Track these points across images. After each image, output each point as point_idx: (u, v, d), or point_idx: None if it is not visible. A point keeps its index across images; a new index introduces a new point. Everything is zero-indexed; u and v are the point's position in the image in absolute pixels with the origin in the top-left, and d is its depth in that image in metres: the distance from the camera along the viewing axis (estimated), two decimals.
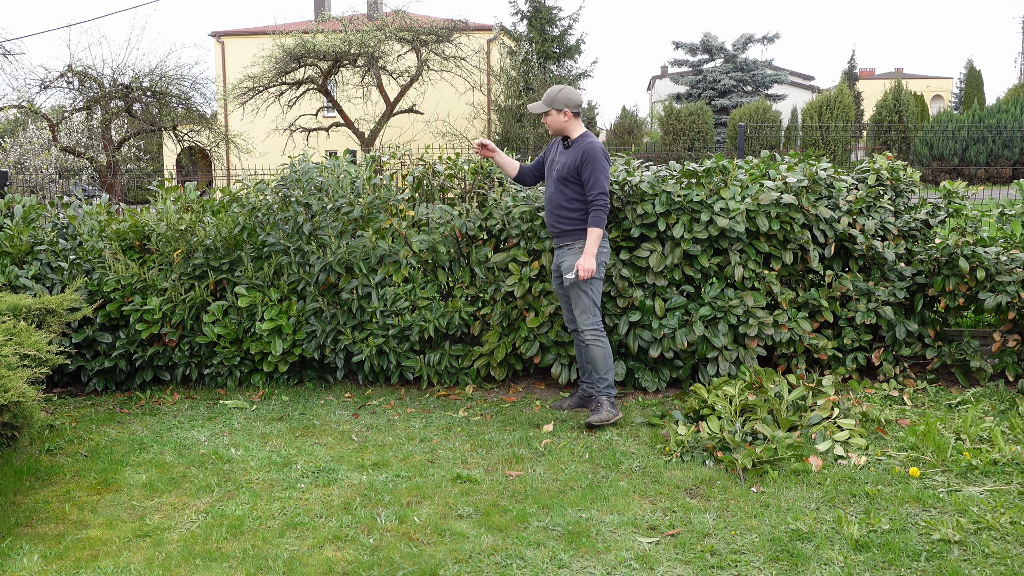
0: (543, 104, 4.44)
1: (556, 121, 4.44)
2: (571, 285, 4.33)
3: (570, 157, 4.38)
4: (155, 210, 5.34)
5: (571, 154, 4.38)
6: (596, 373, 4.39)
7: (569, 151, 4.41)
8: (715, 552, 2.98)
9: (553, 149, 4.57)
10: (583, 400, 4.61)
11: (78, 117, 19.62)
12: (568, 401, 4.69)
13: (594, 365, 4.39)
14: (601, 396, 4.36)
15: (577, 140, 4.42)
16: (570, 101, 4.42)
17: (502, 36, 27.83)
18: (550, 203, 4.47)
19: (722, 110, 33.46)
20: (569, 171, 4.37)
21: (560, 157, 4.45)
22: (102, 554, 3.06)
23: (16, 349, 3.48)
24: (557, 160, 4.46)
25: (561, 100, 4.41)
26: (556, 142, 4.55)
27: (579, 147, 4.37)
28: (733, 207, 4.70)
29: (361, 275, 4.99)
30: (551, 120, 4.46)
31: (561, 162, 4.40)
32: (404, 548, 3.06)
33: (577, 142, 4.40)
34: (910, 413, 4.40)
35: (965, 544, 2.97)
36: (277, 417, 4.66)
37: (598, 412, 4.30)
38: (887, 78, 43.83)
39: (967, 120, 23.27)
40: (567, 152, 4.42)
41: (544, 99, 4.46)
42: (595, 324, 4.37)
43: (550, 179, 4.47)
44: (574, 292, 4.37)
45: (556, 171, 4.42)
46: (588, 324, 4.38)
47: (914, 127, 24.08)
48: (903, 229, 5.09)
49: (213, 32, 31.18)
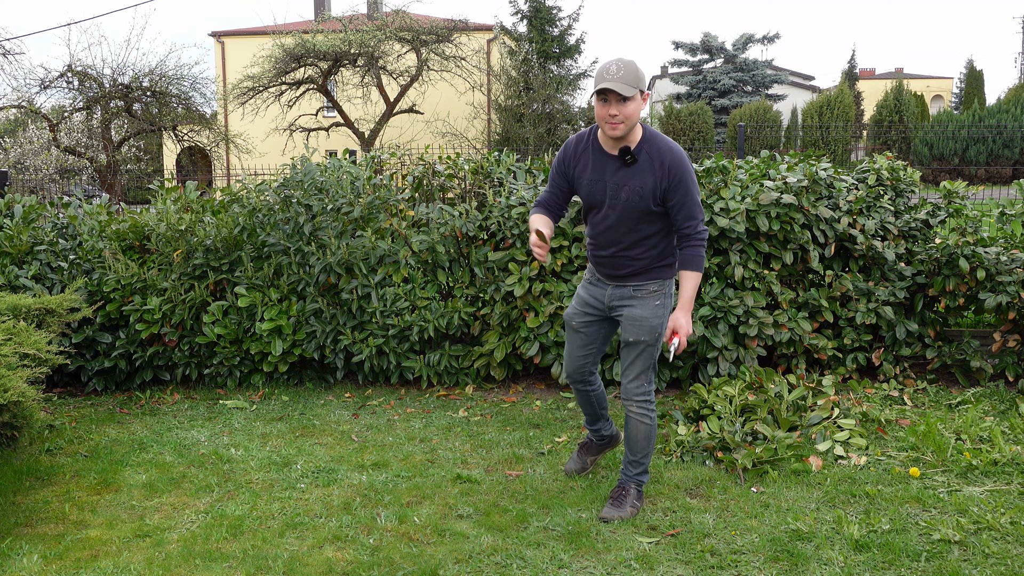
0: (629, 86, 2.90)
1: (637, 112, 2.97)
2: (628, 343, 3.24)
3: (647, 177, 3.03)
4: (155, 210, 5.33)
5: (646, 172, 3.03)
6: (632, 455, 3.34)
7: (640, 168, 3.04)
8: (715, 552, 2.98)
9: (591, 163, 3.13)
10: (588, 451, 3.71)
11: (78, 117, 19.63)
12: (572, 463, 3.73)
13: (634, 445, 3.32)
14: (631, 484, 3.35)
15: (648, 148, 3.05)
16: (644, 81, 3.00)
17: (502, 36, 27.83)
18: (612, 241, 3.17)
19: (722, 110, 33.45)
20: (650, 198, 3.04)
21: (621, 177, 3.06)
22: (102, 554, 3.06)
23: (16, 349, 3.48)
24: (614, 181, 3.07)
25: (643, 79, 2.97)
26: (587, 149, 3.15)
27: (658, 160, 3.02)
28: (733, 207, 4.70)
29: (361, 275, 4.99)
30: (632, 111, 2.94)
31: (628, 186, 3.04)
32: (404, 548, 3.05)
33: (650, 152, 3.04)
34: (910, 413, 4.40)
35: (965, 544, 2.97)
36: (277, 417, 4.66)
37: (620, 506, 3.28)
38: (887, 78, 43.85)
39: (967, 120, 23.27)
40: (636, 169, 3.04)
41: (626, 76, 2.90)
42: (650, 393, 3.28)
43: (605, 208, 3.14)
44: (634, 349, 3.22)
45: (623, 198, 3.06)
46: (642, 393, 3.26)
47: (914, 127, 24.08)
48: (903, 229, 5.09)
49: (213, 32, 31.20)
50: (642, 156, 3.04)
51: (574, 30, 28.02)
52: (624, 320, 3.23)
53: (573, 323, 3.40)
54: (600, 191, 3.12)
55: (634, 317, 3.20)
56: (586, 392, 3.51)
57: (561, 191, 3.29)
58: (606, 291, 3.28)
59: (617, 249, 3.17)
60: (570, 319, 3.41)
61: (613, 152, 3.09)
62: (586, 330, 3.37)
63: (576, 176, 3.20)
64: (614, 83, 2.88)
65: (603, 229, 3.18)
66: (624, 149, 3.04)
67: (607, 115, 2.96)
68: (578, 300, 3.40)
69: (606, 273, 3.26)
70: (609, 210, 3.12)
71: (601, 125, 3.02)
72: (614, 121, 2.96)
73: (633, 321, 3.20)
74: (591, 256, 3.32)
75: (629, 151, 3.03)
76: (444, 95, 24.01)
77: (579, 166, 3.18)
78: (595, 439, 3.69)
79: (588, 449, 3.71)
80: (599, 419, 3.61)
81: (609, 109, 2.95)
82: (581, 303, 3.38)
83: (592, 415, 3.60)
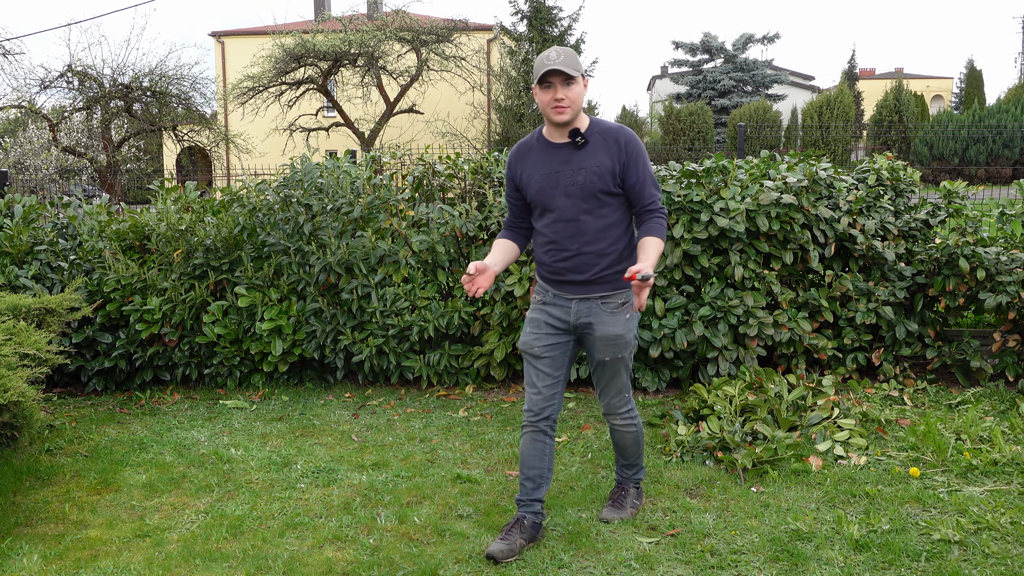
0: (572, 68, 2.84)
1: (581, 97, 2.92)
2: (603, 363, 3.04)
3: (603, 156, 2.93)
4: (155, 210, 5.34)
5: (601, 151, 2.94)
6: (625, 459, 3.29)
7: (594, 148, 2.94)
8: (715, 552, 2.98)
9: (540, 160, 3.01)
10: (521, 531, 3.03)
11: (78, 117, 19.64)
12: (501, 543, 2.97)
13: (625, 452, 3.26)
14: (629, 483, 3.33)
15: (598, 129, 2.98)
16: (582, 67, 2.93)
17: (502, 36, 27.83)
18: (573, 235, 2.96)
19: (722, 110, 33.46)
20: (608, 177, 2.93)
21: (576, 161, 2.95)
22: (102, 554, 3.06)
23: (16, 349, 3.48)
24: (569, 167, 2.95)
25: (581, 66, 2.92)
26: (531, 149, 3.04)
27: (611, 139, 2.95)
28: (733, 207, 4.70)
29: (361, 275, 4.99)
30: (576, 95, 2.89)
31: (585, 168, 2.93)
32: (404, 548, 3.05)
33: (602, 133, 2.97)
34: (910, 413, 4.40)
35: (965, 544, 2.97)
36: (277, 417, 4.66)
37: (621, 507, 3.24)
38: (887, 78, 43.85)
39: (967, 120, 23.27)
40: (590, 150, 2.94)
41: (567, 60, 2.85)
42: (631, 401, 3.17)
43: (558, 200, 2.96)
44: (611, 367, 3.05)
45: (581, 181, 2.93)
46: (624, 404, 3.15)
47: (914, 127, 24.08)
48: (903, 229, 5.09)
49: (213, 32, 31.21)
50: (593, 138, 2.96)
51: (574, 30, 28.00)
52: (597, 341, 3.00)
53: (535, 349, 3.03)
54: (552, 183, 2.96)
55: (608, 337, 2.98)
56: (543, 439, 3.06)
57: (517, 206, 3.13)
58: (570, 308, 3.01)
59: (581, 244, 2.94)
60: (529, 346, 3.05)
61: (562, 140, 2.98)
62: (552, 353, 3.03)
63: (525, 179, 3.02)
64: (558, 65, 2.82)
65: (562, 224, 2.96)
66: (574, 131, 2.94)
67: (553, 100, 2.87)
68: (534, 324, 3.06)
69: (569, 283, 2.99)
70: (564, 199, 2.94)
71: (547, 113, 2.92)
72: (561, 105, 2.87)
73: (608, 341, 2.99)
74: (548, 269, 3.04)
75: (579, 132, 2.94)
76: (444, 95, 24.01)
77: (527, 168, 3.03)
78: (529, 517, 3.05)
79: (520, 529, 3.02)
80: (541, 484, 3.08)
81: (555, 94, 2.87)
82: (538, 326, 3.05)
83: (537, 476, 3.07)
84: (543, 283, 3.08)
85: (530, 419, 3.07)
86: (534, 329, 3.06)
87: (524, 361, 3.09)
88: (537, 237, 3.09)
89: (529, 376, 3.08)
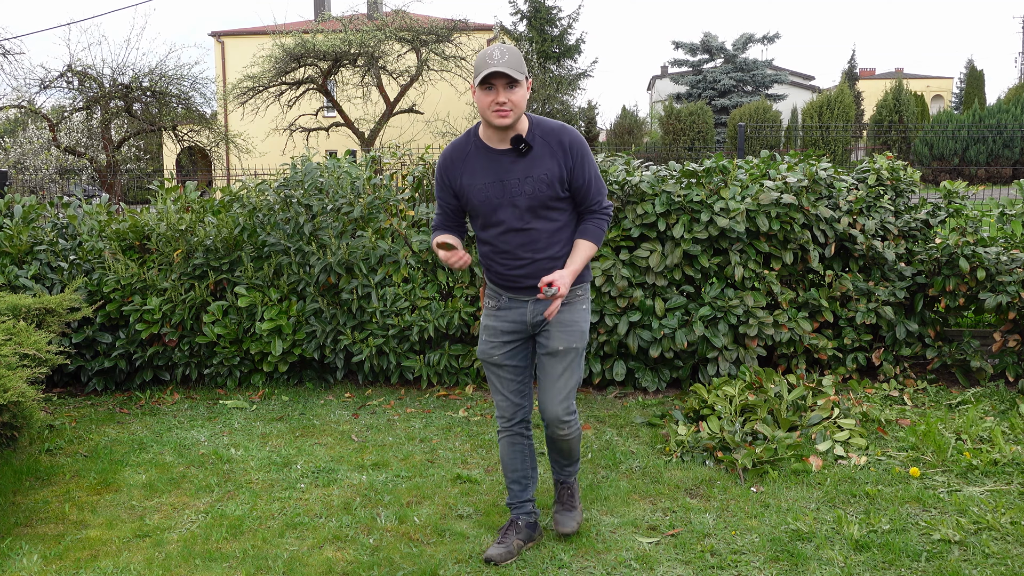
0: (516, 70, 2.65)
1: (524, 100, 2.72)
2: (556, 353, 2.86)
3: (548, 162, 2.76)
4: (155, 210, 5.34)
5: (546, 156, 2.77)
6: (567, 461, 3.11)
7: (538, 154, 2.76)
8: (715, 552, 2.98)
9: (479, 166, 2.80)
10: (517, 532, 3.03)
11: (78, 117, 19.65)
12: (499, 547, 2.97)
13: (570, 455, 3.07)
14: (572, 480, 3.16)
15: (539, 132, 2.79)
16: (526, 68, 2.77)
17: (502, 36, 27.84)
18: (524, 244, 2.81)
19: (722, 110, 33.46)
20: (557, 183, 2.77)
21: (520, 169, 2.76)
22: (102, 554, 3.06)
23: (16, 349, 3.48)
24: (513, 176, 2.76)
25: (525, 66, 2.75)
26: (469, 154, 2.82)
27: (555, 140, 2.78)
28: (733, 207, 4.70)
29: (361, 275, 4.99)
30: (520, 98, 2.69)
31: (532, 176, 2.75)
32: (404, 548, 3.05)
33: (544, 135, 2.79)
34: (910, 413, 4.40)
35: (965, 544, 2.97)
36: (277, 417, 4.66)
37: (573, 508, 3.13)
38: (887, 78, 43.83)
39: (967, 120, 23.27)
40: (533, 157, 2.76)
41: (512, 61, 2.66)
42: (574, 405, 2.96)
43: (505, 211, 2.79)
44: (563, 359, 2.87)
45: (529, 191, 2.76)
46: (570, 412, 2.94)
47: (914, 127, 24.08)
48: (903, 229, 5.09)
49: (213, 32, 31.23)
50: (536, 142, 2.77)
51: (574, 30, 28.08)
52: (552, 328, 2.85)
53: (494, 359, 2.94)
54: (497, 192, 2.77)
55: (563, 322, 2.84)
56: (522, 442, 3.04)
57: (452, 209, 2.92)
58: (526, 308, 2.88)
59: (534, 252, 2.80)
60: (488, 356, 2.95)
61: (502, 146, 2.78)
62: (512, 361, 2.94)
63: (464, 186, 2.82)
64: (501, 67, 2.61)
65: (511, 236, 2.80)
66: (516, 138, 2.74)
67: (495, 103, 2.66)
68: (490, 332, 2.95)
69: (526, 288, 2.85)
70: (512, 209, 2.77)
71: (486, 116, 2.71)
72: (503, 109, 2.66)
73: (563, 327, 2.84)
74: (499, 277, 2.89)
75: (522, 139, 2.74)
76: (444, 95, 24.01)
77: (465, 174, 2.82)
78: (523, 518, 3.05)
79: (516, 530, 3.03)
80: (528, 485, 3.08)
81: (497, 96, 2.66)
82: (495, 333, 2.93)
83: (522, 477, 3.06)
84: (495, 288, 2.94)
85: (504, 424, 3.02)
86: (491, 337, 2.95)
87: (486, 369, 2.99)
88: (483, 246, 2.91)
89: (493, 384, 3.00)
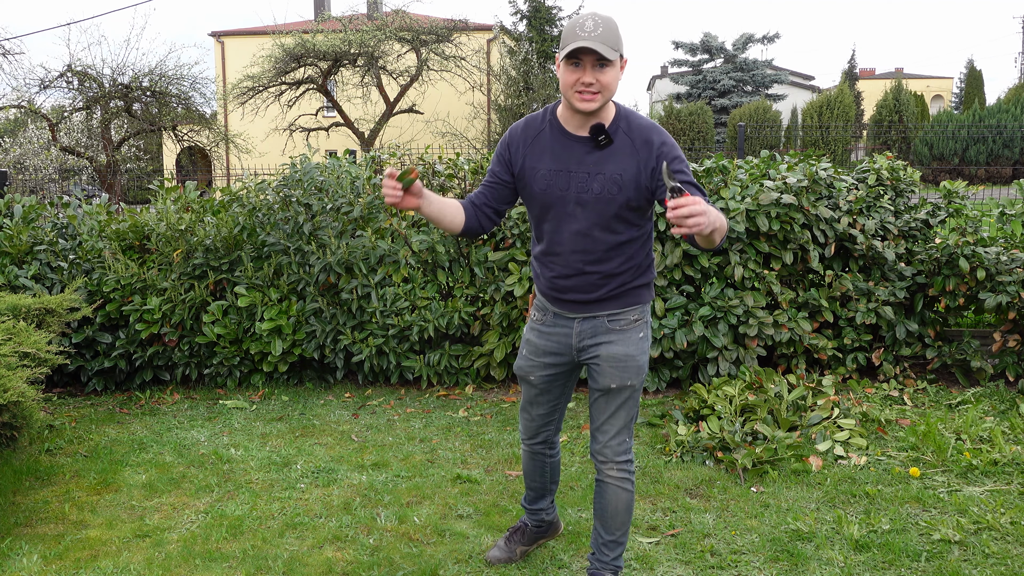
0: (610, 47, 2.23)
1: (615, 82, 2.30)
2: (609, 391, 2.51)
3: (626, 161, 2.35)
4: (155, 210, 5.33)
5: (626, 154, 2.35)
6: (608, 534, 2.64)
7: (617, 149, 2.35)
8: (715, 552, 2.98)
9: (550, 149, 2.41)
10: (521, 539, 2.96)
11: (78, 117, 19.65)
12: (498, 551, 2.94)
13: (613, 519, 2.61)
14: (607, 572, 2.66)
15: (625, 126, 2.38)
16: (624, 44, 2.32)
17: (502, 36, 27.84)
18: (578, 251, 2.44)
19: (722, 110, 33.46)
20: (631, 187, 2.35)
21: (592, 163, 2.36)
22: (102, 554, 3.06)
23: (16, 349, 3.48)
24: (584, 169, 2.37)
25: (623, 41, 2.31)
26: (542, 132, 2.44)
27: (641, 139, 2.35)
28: (733, 207, 4.70)
29: (361, 275, 4.99)
30: (610, 79, 2.27)
31: (604, 173, 2.35)
32: (404, 548, 3.05)
33: (629, 131, 2.37)
34: (910, 413, 4.40)
35: (965, 544, 2.97)
36: (277, 417, 4.66)
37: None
38: (887, 78, 43.84)
39: (967, 120, 23.28)
40: (611, 152, 2.35)
41: (605, 35, 2.23)
42: (632, 451, 2.60)
43: (568, 206, 2.40)
44: (618, 397, 2.50)
45: (596, 191, 2.36)
46: (624, 452, 2.56)
47: (914, 127, 24.09)
48: (903, 229, 5.09)
49: (213, 32, 31.23)
50: (619, 136, 2.35)
51: None
52: (602, 363, 2.48)
53: (531, 378, 2.64)
54: (562, 184, 2.38)
55: (616, 357, 2.47)
56: (543, 459, 2.80)
57: (499, 185, 2.51)
58: (572, 329, 2.53)
59: (586, 264, 2.42)
60: (526, 374, 2.65)
61: (581, 133, 2.38)
62: (550, 387, 2.64)
63: (528, 168, 2.43)
64: (592, 42, 2.19)
65: (567, 237, 2.42)
66: (597, 127, 2.33)
67: (580, 83, 2.26)
68: (532, 350, 2.63)
69: (571, 302, 2.50)
70: (576, 207, 2.39)
71: (568, 97, 2.31)
72: (589, 91, 2.26)
73: (615, 362, 2.47)
74: (547, 284, 2.53)
75: (603, 129, 2.33)
76: (444, 95, 24.02)
77: (532, 154, 2.43)
78: (532, 523, 2.94)
79: (521, 536, 2.94)
80: (545, 495, 2.90)
81: (583, 76, 2.25)
82: (538, 352, 2.60)
83: (539, 488, 2.87)
84: (542, 298, 2.61)
85: (525, 440, 2.81)
86: (531, 355, 2.64)
87: (520, 381, 2.72)
88: (535, 246, 2.59)
89: (527, 401, 2.73)
